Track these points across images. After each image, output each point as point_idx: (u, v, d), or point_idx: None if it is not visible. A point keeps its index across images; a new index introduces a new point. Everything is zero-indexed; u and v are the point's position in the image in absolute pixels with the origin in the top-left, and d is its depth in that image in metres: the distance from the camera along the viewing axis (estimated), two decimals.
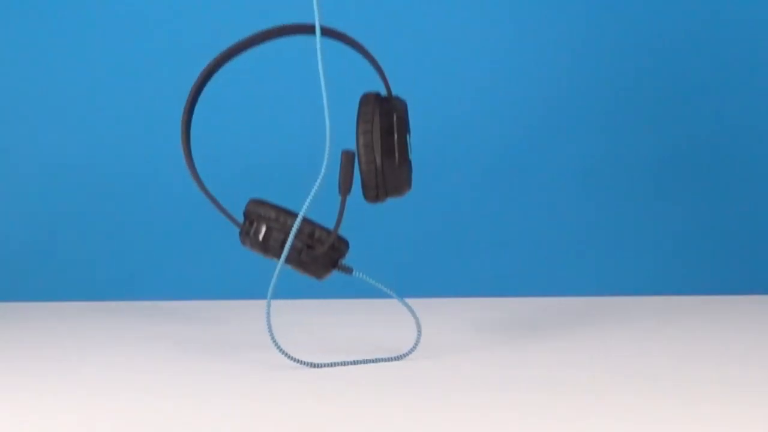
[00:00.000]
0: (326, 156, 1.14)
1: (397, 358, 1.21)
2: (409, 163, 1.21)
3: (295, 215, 1.19)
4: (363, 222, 1.29)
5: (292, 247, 1.18)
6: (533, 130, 1.70)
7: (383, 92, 1.23)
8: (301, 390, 1.10)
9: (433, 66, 1.70)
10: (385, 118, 1.19)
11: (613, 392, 1.07)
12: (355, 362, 1.20)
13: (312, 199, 1.16)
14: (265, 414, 1.02)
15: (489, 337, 1.36)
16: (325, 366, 1.19)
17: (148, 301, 1.67)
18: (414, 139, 1.25)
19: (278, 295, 1.27)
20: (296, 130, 1.71)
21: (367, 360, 1.20)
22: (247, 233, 1.21)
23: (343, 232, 1.23)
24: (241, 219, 1.22)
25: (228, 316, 1.55)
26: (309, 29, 1.20)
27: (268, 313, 1.19)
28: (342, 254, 1.22)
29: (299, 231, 1.18)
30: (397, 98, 1.22)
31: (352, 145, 1.21)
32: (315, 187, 1.15)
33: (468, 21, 1.70)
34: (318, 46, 1.16)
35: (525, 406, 1.02)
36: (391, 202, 1.25)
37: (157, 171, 1.71)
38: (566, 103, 1.69)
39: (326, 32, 1.21)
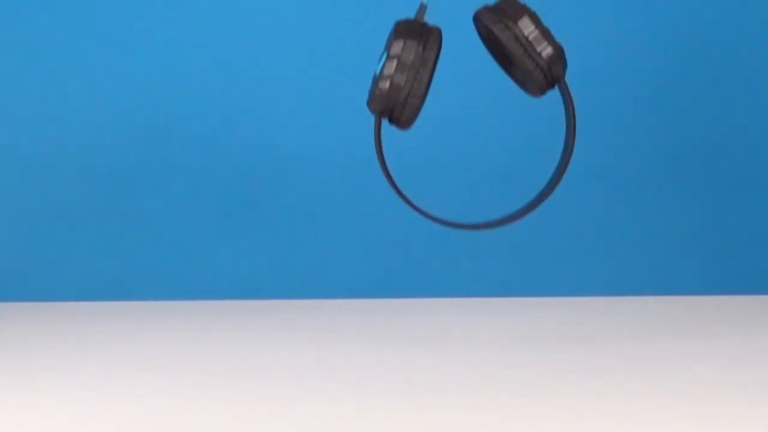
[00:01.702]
0: None
1: None
2: None
3: None
4: (364, 223, 1.29)
5: None
6: (534, 129, 1.70)
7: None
8: (301, 390, 1.10)
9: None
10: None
11: (613, 393, 1.07)
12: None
13: None
14: (266, 415, 1.02)
15: (488, 338, 1.36)
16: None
17: (148, 301, 1.67)
18: (415, 139, 1.25)
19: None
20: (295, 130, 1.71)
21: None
22: None
23: (341, 234, 1.23)
24: None
25: (228, 317, 1.55)
26: None
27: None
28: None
29: None
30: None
31: None
32: None
33: (467, 20, 1.70)
34: None
35: (524, 406, 1.02)
36: (391, 201, 1.25)
37: (157, 171, 1.71)
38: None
39: None
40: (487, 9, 1.24)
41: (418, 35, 1.22)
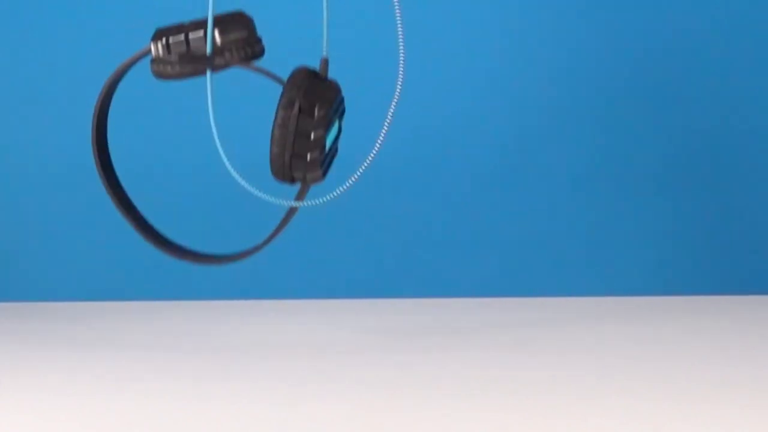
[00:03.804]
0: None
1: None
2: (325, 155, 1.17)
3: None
4: (363, 223, 1.29)
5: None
6: (532, 129, 1.70)
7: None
8: (301, 390, 1.10)
9: (430, 65, 1.70)
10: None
11: (613, 393, 1.07)
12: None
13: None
14: (265, 415, 1.02)
15: (488, 337, 1.36)
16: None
17: (148, 301, 1.67)
18: (414, 139, 1.25)
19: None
20: None
21: None
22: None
23: (340, 231, 1.23)
24: None
25: (228, 317, 1.55)
26: None
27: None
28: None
29: None
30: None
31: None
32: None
33: (465, 20, 1.70)
34: None
35: (524, 406, 1.02)
36: (391, 201, 1.25)
37: (157, 170, 1.71)
38: (565, 103, 1.69)
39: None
40: None
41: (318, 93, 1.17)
